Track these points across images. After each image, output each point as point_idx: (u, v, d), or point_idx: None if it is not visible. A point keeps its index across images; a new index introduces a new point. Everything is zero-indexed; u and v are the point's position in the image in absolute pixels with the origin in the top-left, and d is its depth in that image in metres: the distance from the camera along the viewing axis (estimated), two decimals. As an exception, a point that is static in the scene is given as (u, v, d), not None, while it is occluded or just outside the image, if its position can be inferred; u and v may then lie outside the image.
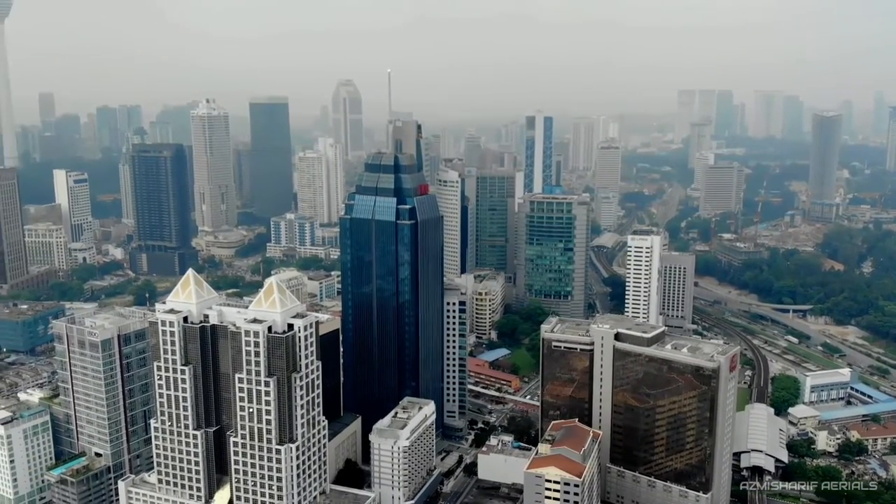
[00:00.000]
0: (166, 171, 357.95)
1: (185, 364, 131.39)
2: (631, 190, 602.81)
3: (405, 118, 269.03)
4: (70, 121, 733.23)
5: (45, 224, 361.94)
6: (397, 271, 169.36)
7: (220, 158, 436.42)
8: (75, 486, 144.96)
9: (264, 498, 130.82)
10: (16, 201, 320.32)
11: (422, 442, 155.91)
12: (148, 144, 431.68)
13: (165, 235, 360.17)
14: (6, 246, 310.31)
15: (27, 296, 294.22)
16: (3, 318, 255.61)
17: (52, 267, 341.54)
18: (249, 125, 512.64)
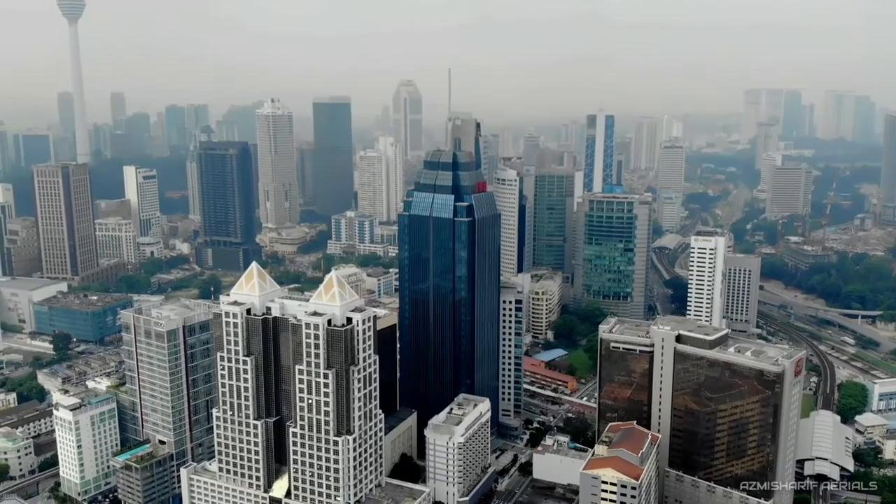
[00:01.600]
0: (232, 169, 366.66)
1: (247, 355, 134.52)
2: (695, 191, 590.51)
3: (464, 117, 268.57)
4: (140, 119, 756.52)
5: (115, 219, 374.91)
6: (454, 268, 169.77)
7: (283, 157, 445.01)
8: (139, 473, 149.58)
9: (321, 489, 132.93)
10: (87, 196, 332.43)
11: (477, 439, 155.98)
12: (214, 142, 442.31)
13: (230, 231, 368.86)
14: (78, 239, 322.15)
15: (97, 288, 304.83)
16: (73, 308, 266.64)
17: (121, 260, 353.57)
18: (312, 125, 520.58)
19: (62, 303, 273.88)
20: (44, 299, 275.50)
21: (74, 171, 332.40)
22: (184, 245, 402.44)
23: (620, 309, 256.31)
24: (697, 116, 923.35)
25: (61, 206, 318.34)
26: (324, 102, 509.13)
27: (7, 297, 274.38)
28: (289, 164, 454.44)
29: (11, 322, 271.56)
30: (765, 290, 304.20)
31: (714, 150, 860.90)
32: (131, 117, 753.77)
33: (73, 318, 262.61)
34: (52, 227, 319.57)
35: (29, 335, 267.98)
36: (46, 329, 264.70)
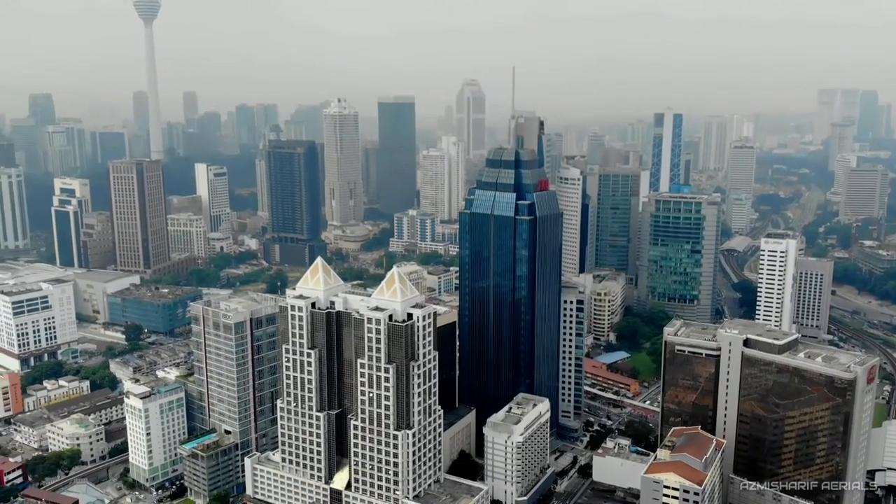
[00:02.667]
0: (299, 167, 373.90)
1: (311, 348, 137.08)
2: (765, 192, 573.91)
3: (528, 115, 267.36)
4: (211, 118, 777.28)
5: (187, 214, 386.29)
6: (515, 267, 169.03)
7: (349, 156, 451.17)
8: (205, 461, 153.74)
9: (381, 482, 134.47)
10: (160, 192, 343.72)
11: (536, 439, 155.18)
12: (283, 141, 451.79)
13: (297, 228, 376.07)
14: (150, 233, 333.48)
15: (168, 281, 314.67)
16: (145, 300, 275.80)
17: (191, 254, 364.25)
18: (377, 124, 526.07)
19: (135, 295, 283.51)
20: (117, 291, 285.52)
21: (148, 167, 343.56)
22: (252, 241, 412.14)
23: (686, 312, 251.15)
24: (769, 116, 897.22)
25: (135, 202, 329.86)
26: (388, 102, 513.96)
27: (83, 288, 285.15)
28: (354, 163, 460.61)
29: (86, 313, 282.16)
30: (837, 295, 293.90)
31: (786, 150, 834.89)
32: (203, 116, 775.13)
33: (145, 309, 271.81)
34: (127, 221, 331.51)
35: (102, 325, 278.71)
36: (119, 320, 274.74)
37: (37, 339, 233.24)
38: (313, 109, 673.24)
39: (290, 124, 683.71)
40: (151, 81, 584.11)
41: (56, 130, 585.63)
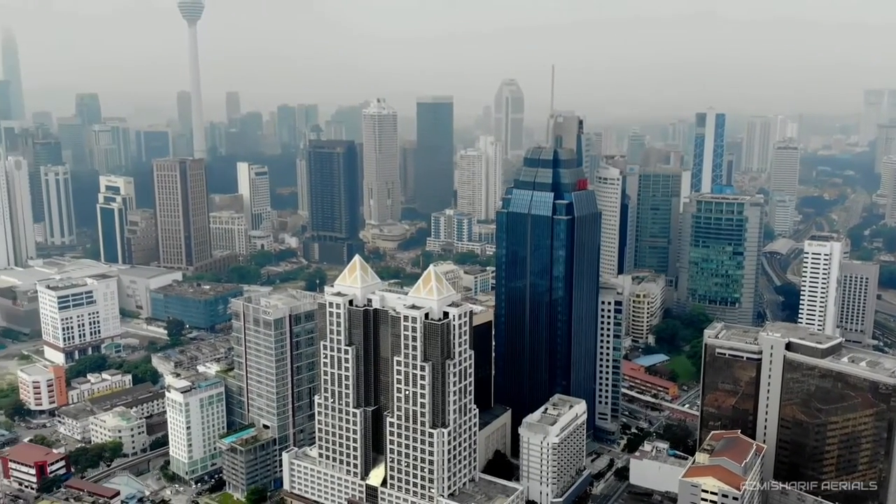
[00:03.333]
0: (339, 167, 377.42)
1: (348, 345, 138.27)
2: (809, 194, 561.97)
3: (567, 115, 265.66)
4: (253, 118, 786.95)
5: (229, 212, 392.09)
6: (551, 267, 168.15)
7: (387, 155, 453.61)
8: (243, 455, 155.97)
9: (416, 479, 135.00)
10: (203, 190, 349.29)
11: (572, 440, 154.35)
12: (323, 141, 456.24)
13: (336, 227, 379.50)
14: (193, 231, 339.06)
15: (210, 277, 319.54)
16: (187, 296, 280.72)
17: (233, 252, 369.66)
18: (416, 124, 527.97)
19: (177, 291, 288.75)
20: (160, 287, 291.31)
21: (191, 165, 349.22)
22: (292, 239, 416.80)
23: (727, 315, 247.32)
24: (813, 117, 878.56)
25: (178, 199, 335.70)
26: (427, 102, 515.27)
27: (126, 284, 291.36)
28: (392, 163, 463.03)
29: (129, 308, 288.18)
30: (883, 299, 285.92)
31: (831, 152, 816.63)
32: (245, 116, 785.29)
33: (187, 305, 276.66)
34: (170, 218, 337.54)
35: (145, 321, 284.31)
36: (161, 315, 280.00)
37: (81, 333, 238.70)
38: (353, 110, 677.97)
39: (329, 124, 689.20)
40: (195, 81, 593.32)
41: (102, 129, 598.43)
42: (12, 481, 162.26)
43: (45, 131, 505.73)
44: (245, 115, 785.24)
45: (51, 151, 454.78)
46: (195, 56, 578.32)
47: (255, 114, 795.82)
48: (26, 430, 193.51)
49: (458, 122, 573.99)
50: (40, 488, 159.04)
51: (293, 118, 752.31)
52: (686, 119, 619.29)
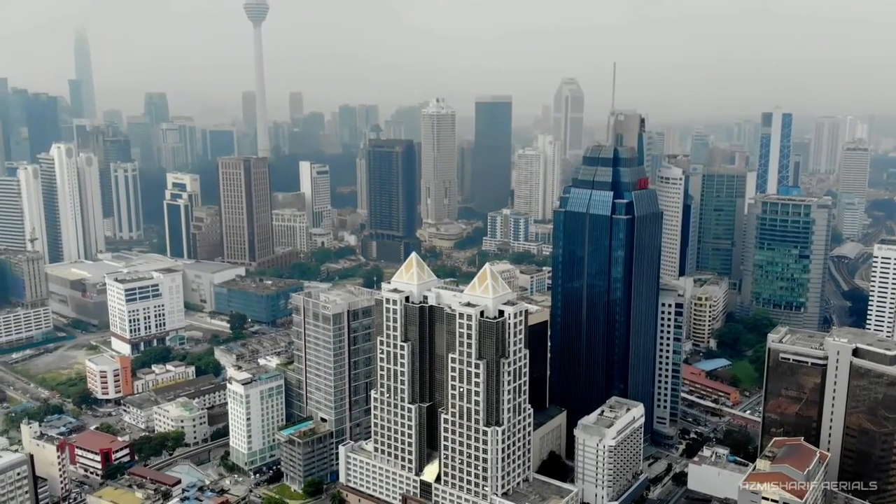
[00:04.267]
0: (397, 166, 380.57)
1: (404, 341, 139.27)
2: (880, 197, 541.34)
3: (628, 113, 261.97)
4: (315, 118, 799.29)
5: (291, 210, 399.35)
6: (610, 267, 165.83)
7: (445, 155, 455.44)
8: (301, 447, 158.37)
9: (470, 476, 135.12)
10: (266, 188, 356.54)
11: (629, 444, 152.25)
12: (382, 140, 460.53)
13: (394, 225, 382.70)
14: (256, 228, 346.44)
15: (272, 273, 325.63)
16: (250, 291, 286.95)
17: (294, 249, 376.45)
18: (474, 123, 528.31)
19: (240, 286, 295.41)
20: (223, 282, 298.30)
21: (255, 164, 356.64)
22: (351, 237, 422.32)
23: (792, 319, 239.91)
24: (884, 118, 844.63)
25: (242, 197, 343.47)
26: (485, 101, 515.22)
27: (191, 278, 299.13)
28: (450, 162, 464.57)
29: (194, 302, 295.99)
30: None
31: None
32: (308, 116, 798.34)
33: (249, 300, 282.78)
34: (234, 215, 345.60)
35: (209, 314, 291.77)
36: (224, 309, 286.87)
37: (147, 325, 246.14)
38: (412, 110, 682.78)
39: (389, 124, 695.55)
40: (259, 82, 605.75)
41: (169, 128, 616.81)
42: (79, 467, 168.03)
43: (115, 129, 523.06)
44: (308, 115, 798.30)
45: (120, 149, 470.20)
46: (260, 56, 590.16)
47: (318, 114, 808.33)
48: (93, 418, 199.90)
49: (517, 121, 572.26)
50: (105, 475, 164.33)
51: (354, 118, 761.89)
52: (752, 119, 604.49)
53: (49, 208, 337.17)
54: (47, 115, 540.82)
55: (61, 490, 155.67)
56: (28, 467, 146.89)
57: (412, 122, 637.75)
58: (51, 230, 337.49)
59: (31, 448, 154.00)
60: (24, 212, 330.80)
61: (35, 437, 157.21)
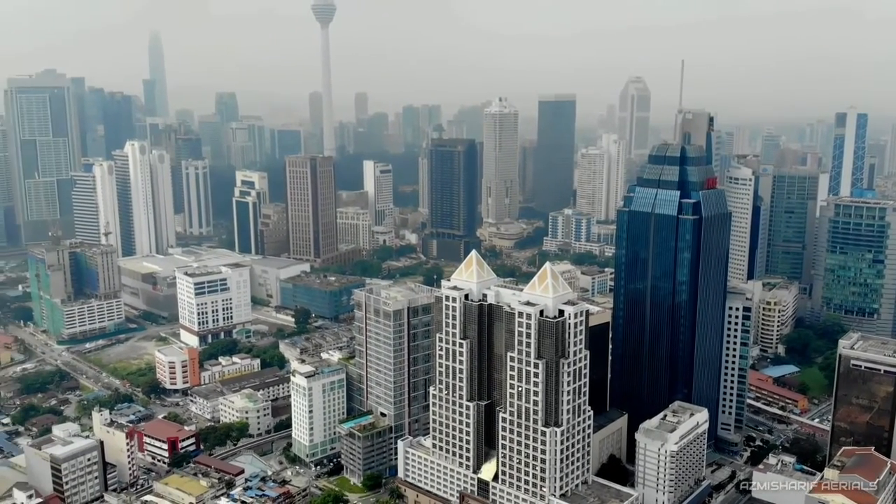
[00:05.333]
0: (458, 165, 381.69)
1: (463, 338, 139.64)
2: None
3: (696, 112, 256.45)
4: (380, 118, 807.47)
5: (354, 208, 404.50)
6: (675, 269, 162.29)
7: (507, 154, 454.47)
8: (361, 441, 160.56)
9: (528, 477, 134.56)
10: (331, 186, 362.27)
11: (691, 449, 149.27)
12: (444, 140, 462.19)
13: (454, 224, 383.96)
14: (321, 225, 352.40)
15: (335, 270, 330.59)
16: (314, 287, 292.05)
17: (357, 246, 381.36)
18: (537, 123, 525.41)
19: (304, 281, 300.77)
20: (289, 277, 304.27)
21: (321, 162, 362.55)
22: (412, 235, 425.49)
23: (864, 326, 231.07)
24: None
25: (308, 195, 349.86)
26: (549, 100, 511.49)
27: (258, 273, 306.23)
28: (511, 162, 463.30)
29: (260, 296, 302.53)
30: None
31: None
32: (372, 116, 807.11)
33: (313, 295, 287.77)
34: (300, 212, 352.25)
35: (274, 309, 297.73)
36: (289, 304, 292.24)
37: (215, 318, 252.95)
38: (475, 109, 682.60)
39: (451, 124, 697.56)
40: (326, 82, 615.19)
41: (239, 127, 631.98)
42: (146, 455, 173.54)
43: (186, 128, 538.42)
44: (372, 116, 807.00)
45: (191, 147, 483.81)
46: (327, 57, 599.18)
47: (382, 114, 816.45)
48: (161, 408, 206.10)
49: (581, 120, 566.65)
50: (171, 463, 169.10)
51: (417, 118, 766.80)
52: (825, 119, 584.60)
53: (123, 204, 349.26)
54: (122, 113, 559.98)
55: (129, 476, 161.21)
56: (98, 453, 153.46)
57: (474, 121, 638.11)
58: (124, 225, 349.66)
59: (101, 435, 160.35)
60: (99, 207, 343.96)
61: (105, 424, 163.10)
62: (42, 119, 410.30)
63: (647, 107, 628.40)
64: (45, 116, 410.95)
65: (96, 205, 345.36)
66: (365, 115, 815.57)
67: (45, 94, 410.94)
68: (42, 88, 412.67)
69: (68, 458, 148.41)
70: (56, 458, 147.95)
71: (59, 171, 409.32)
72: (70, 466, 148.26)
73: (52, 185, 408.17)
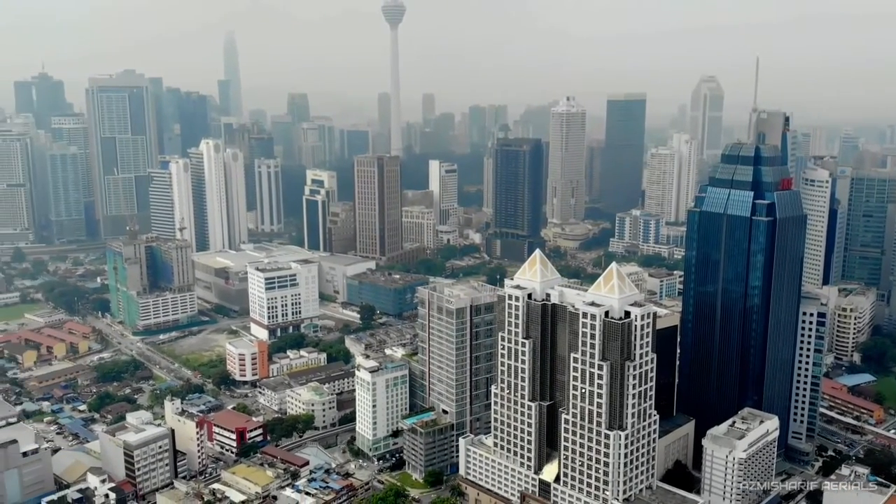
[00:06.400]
0: (524, 165, 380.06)
1: (525, 338, 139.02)
2: None
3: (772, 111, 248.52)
4: (446, 119, 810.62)
5: (419, 207, 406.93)
6: (748, 272, 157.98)
7: (573, 154, 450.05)
8: (423, 437, 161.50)
9: (590, 480, 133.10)
10: (397, 186, 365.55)
11: (760, 457, 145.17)
12: (510, 139, 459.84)
13: (518, 224, 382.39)
14: (387, 223, 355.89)
15: (399, 268, 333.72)
16: (379, 284, 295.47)
17: (421, 245, 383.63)
18: (605, 122, 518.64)
19: (370, 279, 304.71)
20: (355, 274, 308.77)
21: (387, 162, 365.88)
22: (476, 235, 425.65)
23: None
24: None
25: (375, 193, 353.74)
26: (618, 100, 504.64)
27: (325, 270, 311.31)
28: (578, 162, 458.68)
29: (327, 292, 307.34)
30: None
31: None
32: (439, 117, 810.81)
33: (378, 292, 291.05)
34: (367, 211, 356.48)
35: (341, 305, 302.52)
36: (355, 300, 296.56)
37: (284, 312, 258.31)
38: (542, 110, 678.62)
39: (518, 124, 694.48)
40: (394, 83, 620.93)
41: (310, 127, 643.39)
42: (215, 444, 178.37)
43: (259, 127, 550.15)
44: (439, 116, 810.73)
45: (264, 146, 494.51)
46: (396, 58, 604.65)
47: (448, 114, 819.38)
48: (230, 399, 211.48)
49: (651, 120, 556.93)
50: (239, 452, 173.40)
51: (483, 118, 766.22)
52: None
53: (197, 200, 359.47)
54: (198, 112, 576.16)
55: (198, 464, 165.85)
56: (169, 441, 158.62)
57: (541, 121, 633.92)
58: (198, 220, 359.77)
59: (172, 423, 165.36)
60: (174, 203, 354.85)
61: (177, 413, 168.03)
62: (121, 117, 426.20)
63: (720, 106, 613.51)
64: (124, 115, 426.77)
65: (172, 201, 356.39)
66: (432, 115, 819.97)
67: (124, 94, 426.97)
68: (122, 88, 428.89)
69: (140, 445, 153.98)
70: (129, 445, 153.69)
71: (137, 167, 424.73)
72: (142, 453, 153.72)
73: (131, 182, 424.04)
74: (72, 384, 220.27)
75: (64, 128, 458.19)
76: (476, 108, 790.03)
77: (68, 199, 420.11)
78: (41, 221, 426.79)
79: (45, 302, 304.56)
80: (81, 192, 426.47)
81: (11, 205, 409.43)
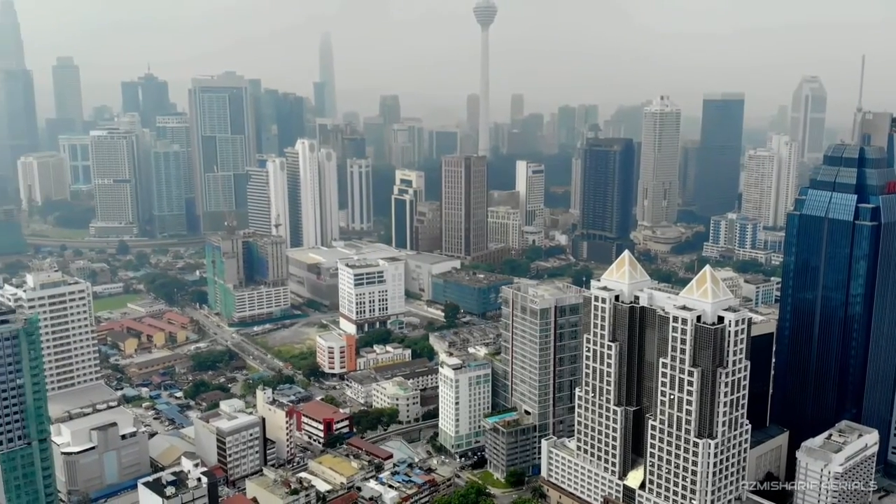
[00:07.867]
0: (614, 166, 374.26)
1: (612, 341, 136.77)
2: None
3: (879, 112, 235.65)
4: (534, 119, 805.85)
5: (505, 208, 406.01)
6: (849, 279, 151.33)
7: (667, 155, 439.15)
8: (505, 437, 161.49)
9: (677, 488, 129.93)
10: (483, 186, 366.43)
11: (857, 472, 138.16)
12: (600, 139, 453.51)
13: (606, 226, 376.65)
14: (472, 223, 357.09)
15: (484, 268, 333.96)
16: (463, 283, 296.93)
17: (506, 245, 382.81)
18: (700, 123, 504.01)
19: (454, 278, 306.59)
20: (440, 273, 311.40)
21: (474, 162, 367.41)
22: (562, 237, 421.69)
23: None
24: None
25: (461, 193, 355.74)
26: (715, 100, 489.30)
27: (412, 268, 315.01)
28: (671, 163, 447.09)
29: (413, 290, 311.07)
30: None
31: None
32: (527, 117, 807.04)
33: (463, 291, 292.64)
34: (453, 210, 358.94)
35: (426, 302, 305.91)
36: (440, 299, 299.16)
37: (371, 308, 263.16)
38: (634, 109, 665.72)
39: (609, 124, 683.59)
40: (484, 84, 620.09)
41: (400, 128, 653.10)
42: (303, 434, 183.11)
43: (352, 128, 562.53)
44: (527, 117, 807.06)
45: (356, 146, 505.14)
46: (486, 59, 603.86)
47: (537, 115, 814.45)
48: (319, 390, 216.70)
49: (749, 121, 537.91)
50: (326, 443, 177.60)
51: (573, 118, 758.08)
52: None
53: (292, 198, 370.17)
54: (294, 113, 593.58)
55: (287, 453, 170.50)
56: (260, 429, 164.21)
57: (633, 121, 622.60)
58: (293, 217, 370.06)
59: (263, 412, 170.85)
60: (270, 200, 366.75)
61: (268, 402, 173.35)
62: (222, 117, 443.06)
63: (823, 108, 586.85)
64: (224, 115, 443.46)
65: (268, 198, 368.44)
66: (520, 116, 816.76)
67: (224, 94, 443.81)
68: (222, 88, 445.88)
69: (233, 431, 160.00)
70: (222, 431, 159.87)
71: (236, 166, 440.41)
72: (234, 440, 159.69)
73: (229, 179, 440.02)
74: (169, 372, 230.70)
75: (168, 126, 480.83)
76: (565, 109, 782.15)
77: (170, 196, 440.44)
78: (145, 216, 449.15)
79: (146, 293, 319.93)
80: (183, 189, 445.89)
81: (117, 200, 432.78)
